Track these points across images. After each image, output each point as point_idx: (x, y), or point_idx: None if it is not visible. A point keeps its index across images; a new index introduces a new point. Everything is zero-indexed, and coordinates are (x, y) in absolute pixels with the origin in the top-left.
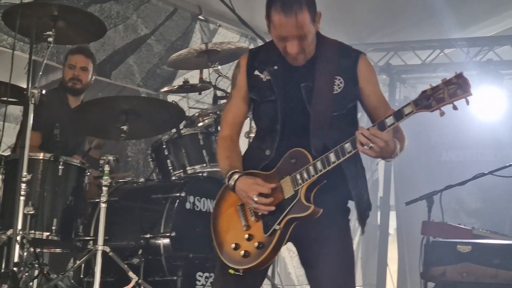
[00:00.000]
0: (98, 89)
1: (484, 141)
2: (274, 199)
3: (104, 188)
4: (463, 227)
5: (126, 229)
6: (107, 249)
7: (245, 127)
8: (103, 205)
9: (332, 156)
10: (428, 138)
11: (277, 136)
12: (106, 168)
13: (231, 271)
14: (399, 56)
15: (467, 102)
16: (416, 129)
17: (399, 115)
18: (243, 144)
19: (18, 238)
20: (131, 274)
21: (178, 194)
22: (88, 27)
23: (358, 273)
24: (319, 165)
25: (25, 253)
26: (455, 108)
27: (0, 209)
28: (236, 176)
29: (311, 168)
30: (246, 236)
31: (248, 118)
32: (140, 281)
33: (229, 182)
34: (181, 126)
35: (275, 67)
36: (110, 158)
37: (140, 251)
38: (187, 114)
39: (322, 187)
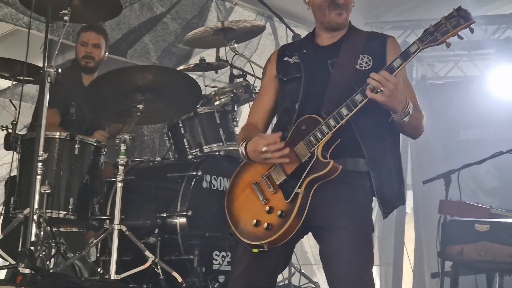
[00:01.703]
0: (114, 68)
1: (502, 119)
2: (291, 165)
3: (120, 167)
4: (481, 206)
5: (142, 208)
6: (124, 228)
7: None
8: (119, 184)
9: (344, 110)
10: (445, 117)
11: (294, 115)
12: (122, 147)
13: (255, 250)
14: (416, 34)
15: (471, 31)
16: (433, 107)
17: (406, 55)
18: None
19: (35, 217)
20: (147, 253)
21: (194, 173)
22: (104, 6)
23: (375, 252)
24: (331, 122)
25: (42, 232)
26: (460, 37)
27: (17, 188)
28: (244, 143)
29: (323, 127)
30: (267, 209)
31: None
32: (156, 260)
33: (241, 150)
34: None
35: (304, 51)
36: (126, 136)
37: (156, 230)
38: (203, 92)
39: (342, 176)
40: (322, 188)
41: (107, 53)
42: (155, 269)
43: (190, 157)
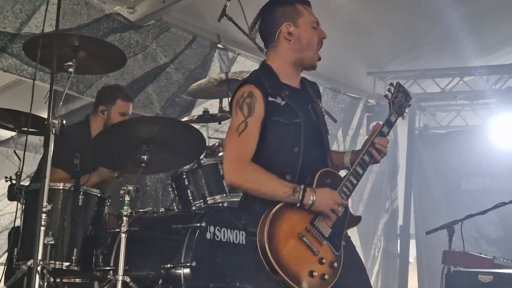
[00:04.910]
0: None
1: (504, 169)
2: (331, 218)
3: (124, 218)
4: (485, 256)
5: (146, 259)
6: (128, 279)
7: None
8: (123, 235)
9: (359, 169)
10: (448, 166)
11: (299, 160)
12: (126, 198)
13: None
14: (419, 84)
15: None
16: (436, 156)
17: (390, 124)
18: None
19: (39, 268)
20: None
21: (198, 224)
22: (109, 58)
23: None
24: (352, 179)
25: (45, 283)
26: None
27: (21, 239)
28: (311, 191)
29: (348, 183)
30: (318, 260)
31: None
32: None
33: (306, 198)
34: (201, 156)
35: (287, 92)
36: (130, 188)
37: (160, 281)
38: (207, 143)
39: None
40: None
41: None
42: None
43: (194, 208)
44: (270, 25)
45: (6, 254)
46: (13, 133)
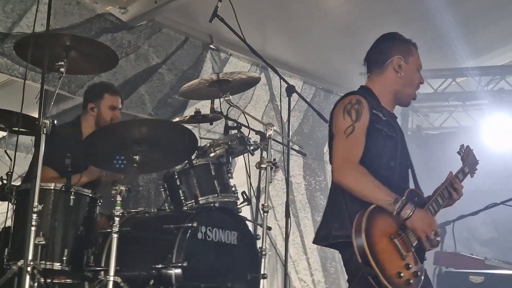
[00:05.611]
0: None
1: (496, 170)
2: None
3: (116, 218)
4: (476, 257)
5: (137, 259)
6: (118, 279)
7: (256, 158)
8: (114, 235)
9: (440, 199)
10: (440, 167)
11: (395, 174)
12: (118, 198)
13: None
14: None
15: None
16: (429, 157)
17: (464, 175)
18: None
19: (29, 268)
20: None
21: (190, 224)
22: (100, 58)
23: None
24: (434, 204)
25: (36, 284)
26: None
27: (11, 240)
28: (411, 206)
29: (434, 204)
30: (405, 265)
31: (259, 149)
32: None
33: (404, 210)
34: (192, 157)
35: (384, 112)
36: (123, 188)
37: (151, 282)
38: (198, 144)
39: None
40: None
41: None
42: None
43: (186, 208)
44: (383, 52)
45: None
46: (4, 133)
